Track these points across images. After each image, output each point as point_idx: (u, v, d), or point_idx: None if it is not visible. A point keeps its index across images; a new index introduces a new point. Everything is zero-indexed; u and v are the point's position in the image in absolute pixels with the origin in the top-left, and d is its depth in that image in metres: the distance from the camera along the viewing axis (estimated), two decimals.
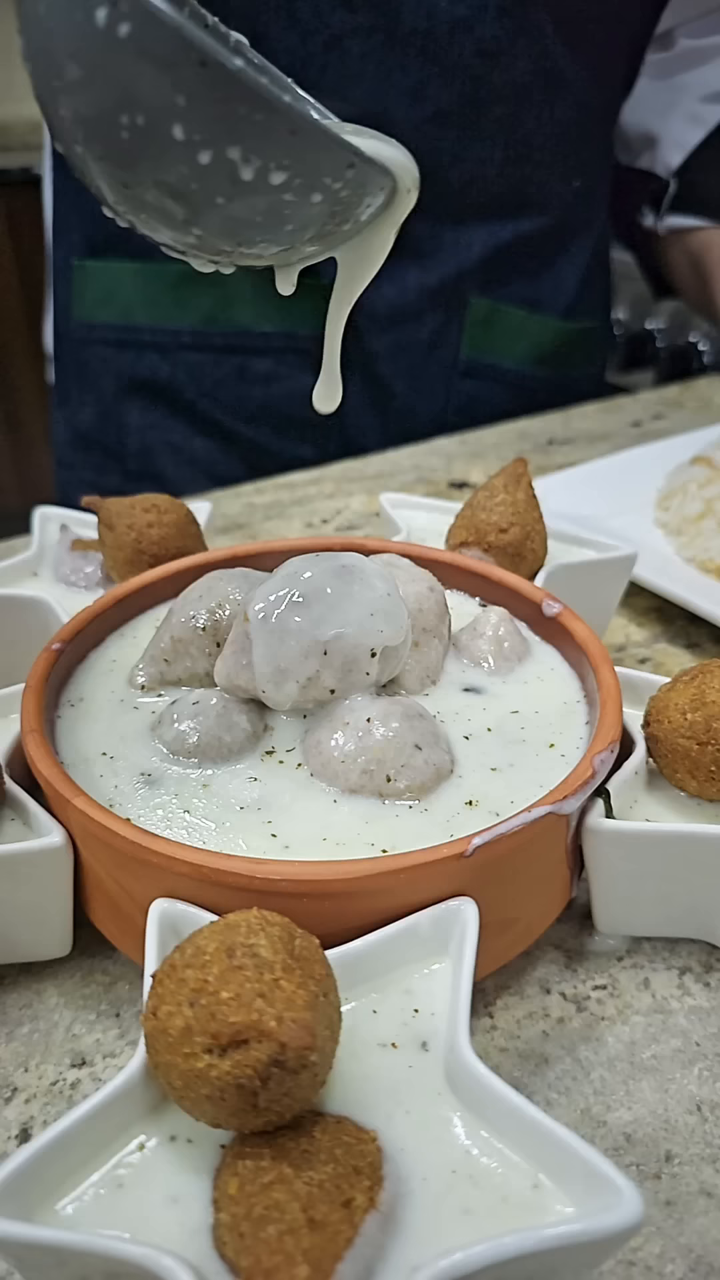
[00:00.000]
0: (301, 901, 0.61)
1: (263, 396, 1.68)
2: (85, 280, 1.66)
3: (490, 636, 0.85)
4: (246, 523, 1.40)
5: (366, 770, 0.71)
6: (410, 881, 0.62)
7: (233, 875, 0.61)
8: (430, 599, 0.83)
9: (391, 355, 1.64)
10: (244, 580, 0.84)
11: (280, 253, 0.68)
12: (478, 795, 0.72)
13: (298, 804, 0.71)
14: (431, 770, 0.72)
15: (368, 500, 1.45)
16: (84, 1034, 0.71)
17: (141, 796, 0.72)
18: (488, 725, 0.79)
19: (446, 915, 0.63)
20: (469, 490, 1.48)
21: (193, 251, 0.68)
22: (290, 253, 0.69)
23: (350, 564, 0.76)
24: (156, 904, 0.63)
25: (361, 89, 1.43)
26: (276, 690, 0.74)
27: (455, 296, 1.63)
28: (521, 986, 0.73)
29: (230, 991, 0.50)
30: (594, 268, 1.73)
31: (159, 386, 1.69)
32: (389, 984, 0.62)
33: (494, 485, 0.98)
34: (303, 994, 0.50)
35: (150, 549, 0.94)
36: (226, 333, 1.64)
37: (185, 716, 0.76)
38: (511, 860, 0.66)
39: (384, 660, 0.75)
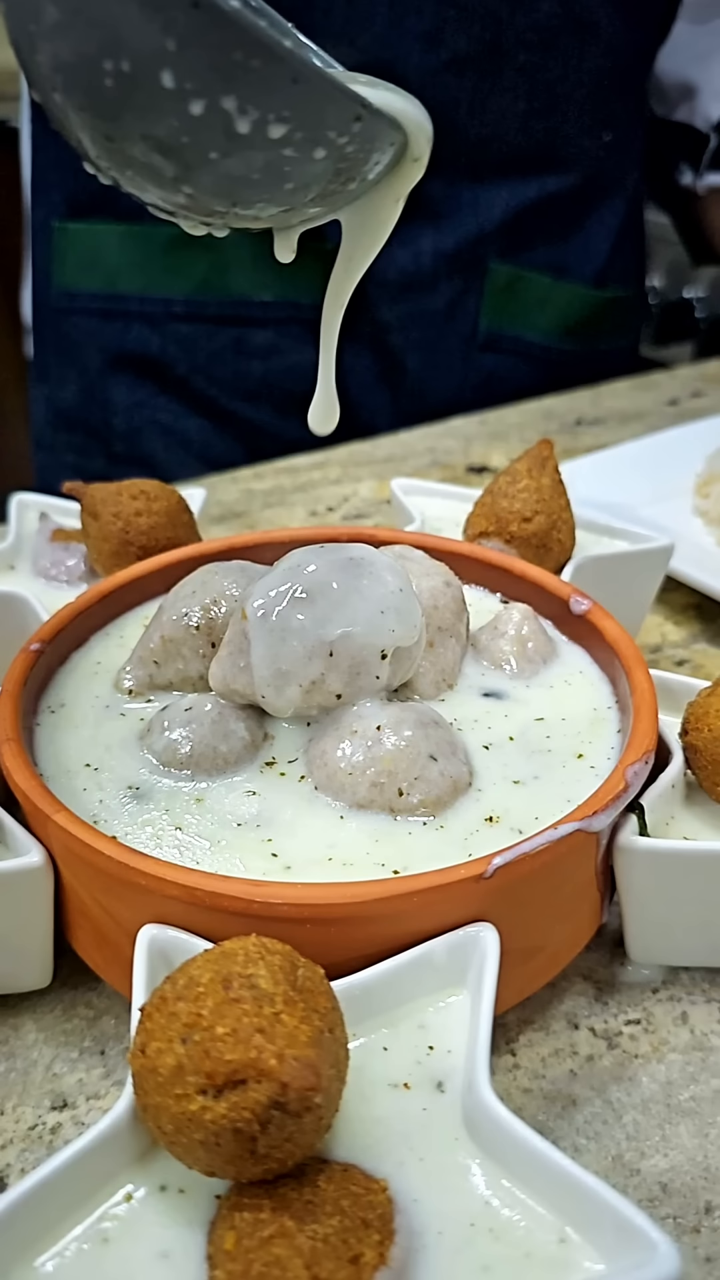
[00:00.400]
0: (305, 928, 0.61)
1: (262, 372, 1.68)
2: (67, 244, 1.66)
3: (512, 636, 0.85)
4: (244, 511, 1.40)
5: (376, 783, 0.71)
6: (424, 905, 0.62)
7: (229, 898, 0.61)
8: (446, 595, 0.83)
9: (404, 326, 1.65)
10: (241, 574, 0.84)
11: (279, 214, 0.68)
12: (498, 811, 0.72)
13: (300, 820, 0.71)
14: (448, 783, 0.72)
15: (377, 486, 1.45)
16: (65, 1073, 0.71)
17: (129, 812, 0.72)
18: (509, 734, 0.79)
19: (464, 943, 0.63)
20: (489, 475, 1.48)
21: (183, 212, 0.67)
22: (290, 214, 0.69)
23: (358, 556, 0.76)
24: (145, 930, 0.63)
25: (370, 34, 1.43)
26: (277, 695, 0.74)
27: (474, 262, 1.63)
28: (547, 1021, 0.73)
29: (226, 1027, 0.50)
30: (626, 230, 1.73)
31: (148, 361, 1.69)
32: (401, 1018, 0.62)
33: (516, 470, 0.98)
34: (306, 1029, 0.50)
35: (138, 540, 0.94)
36: (223, 301, 1.64)
37: (177, 724, 0.76)
38: (536, 882, 0.66)
39: (395, 662, 0.75)
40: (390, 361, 1.68)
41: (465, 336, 1.69)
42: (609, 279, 1.73)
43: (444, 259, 1.61)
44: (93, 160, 0.65)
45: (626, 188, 1.70)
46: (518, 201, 1.61)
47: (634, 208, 1.74)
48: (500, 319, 1.69)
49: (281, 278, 1.59)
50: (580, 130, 1.59)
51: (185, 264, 1.62)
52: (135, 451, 1.75)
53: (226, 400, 1.71)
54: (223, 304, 1.64)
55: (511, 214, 1.61)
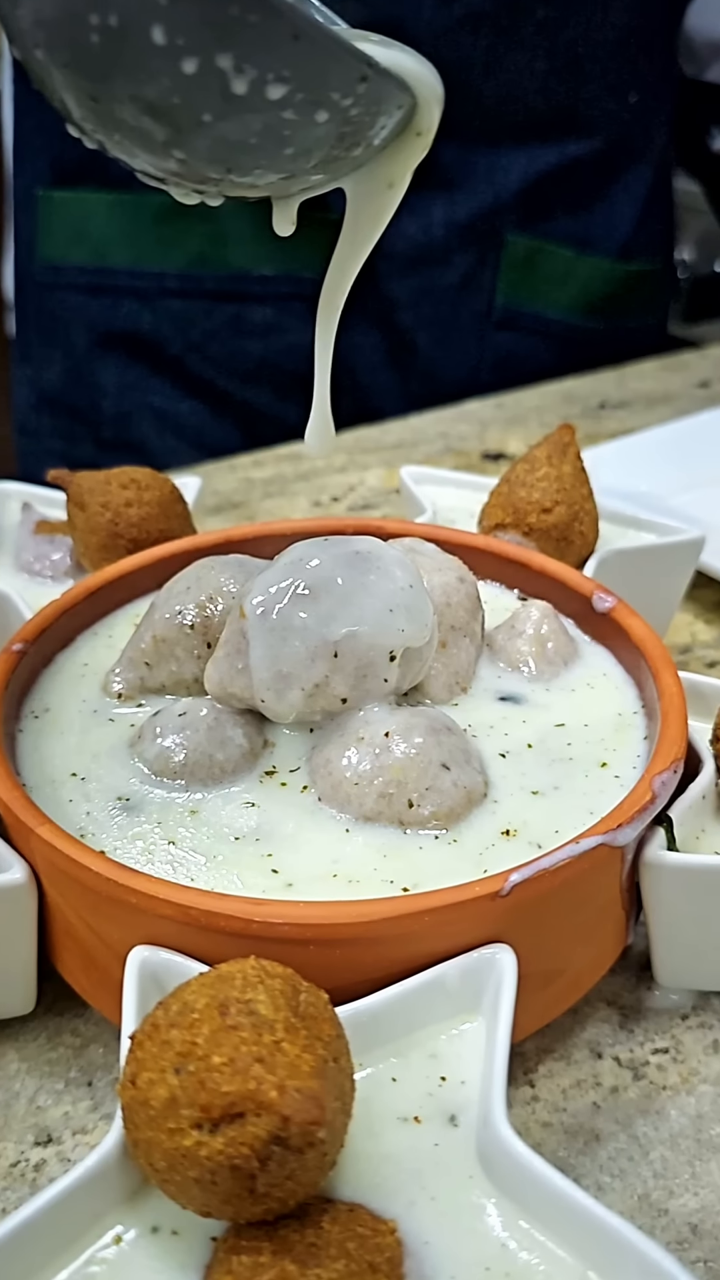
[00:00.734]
0: (307, 949, 0.61)
1: (262, 351, 1.68)
2: (52, 213, 1.66)
3: (531, 636, 0.85)
4: (243, 501, 1.40)
5: (384, 794, 0.71)
6: (436, 926, 0.62)
7: (226, 918, 0.61)
8: (460, 591, 0.83)
9: (414, 302, 1.65)
10: (239, 569, 0.84)
11: (278, 181, 0.68)
12: (516, 823, 0.72)
13: (303, 834, 0.71)
14: (461, 794, 0.72)
15: (386, 474, 1.45)
16: (50, 1106, 0.71)
17: (118, 825, 0.72)
18: (528, 741, 0.79)
19: (479, 966, 0.63)
20: (506, 463, 1.48)
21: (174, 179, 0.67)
22: (290, 181, 0.68)
23: (365, 550, 0.76)
24: (136, 952, 0.63)
25: None
26: (278, 699, 0.74)
27: (489, 233, 1.63)
28: (568, 1050, 0.73)
29: (223, 1056, 0.50)
30: (654, 199, 1.73)
31: (139, 339, 1.69)
32: (411, 1047, 0.62)
33: (535, 457, 0.98)
34: (309, 1059, 0.50)
35: (128, 532, 0.95)
36: (220, 275, 1.64)
37: (170, 730, 0.76)
38: (556, 900, 0.66)
39: (405, 664, 0.75)
40: (399, 340, 1.68)
41: (480, 313, 1.69)
42: (635, 251, 1.73)
43: (457, 230, 1.61)
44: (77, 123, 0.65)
45: (654, 153, 1.70)
46: (536, 168, 1.61)
47: (662, 175, 1.74)
48: (518, 294, 1.69)
49: (283, 250, 1.59)
50: (603, 92, 1.58)
51: (179, 235, 1.62)
52: (125, 437, 1.75)
53: (224, 382, 1.71)
54: (220, 278, 1.64)
55: (530, 181, 1.61)
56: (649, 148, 1.69)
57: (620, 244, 1.71)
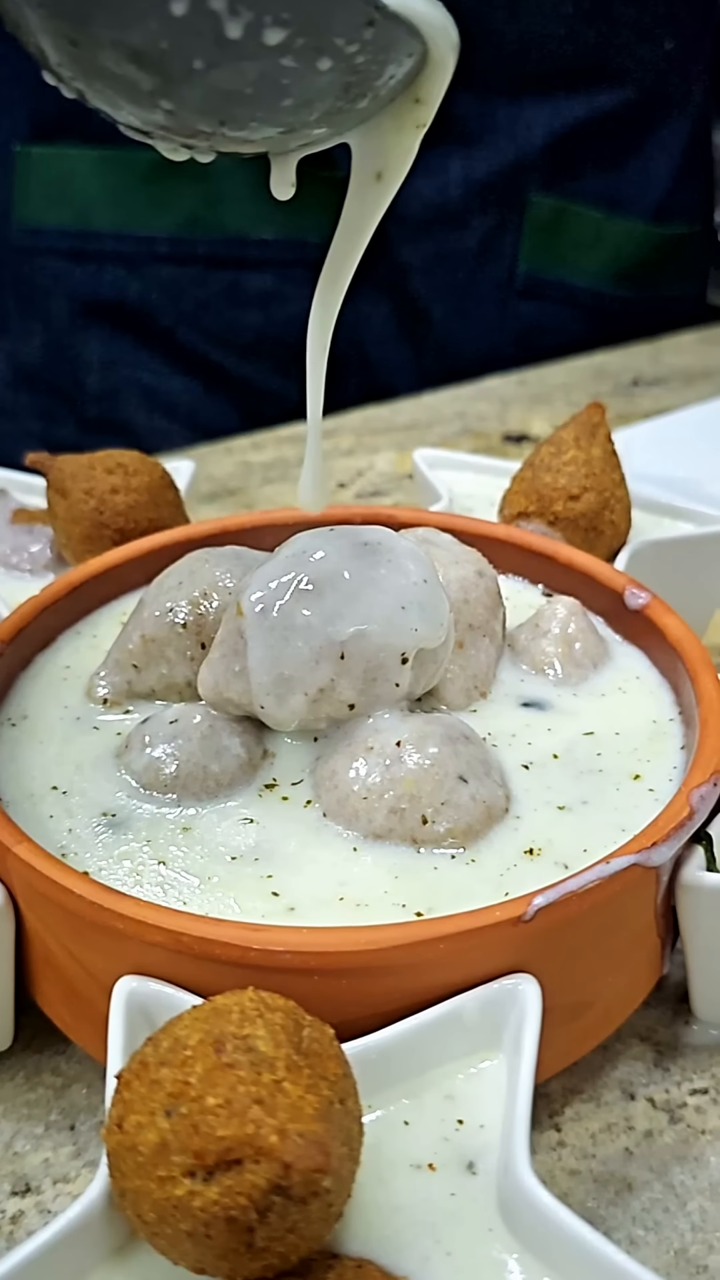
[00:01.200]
0: (311, 980, 0.61)
1: (261, 322, 1.68)
2: (30, 171, 1.66)
3: (557, 635, 0.85)
4: (240, 487, 1.40)
5: (396, 809, 0.71)
6: (452, 954, 0.62)
7: (222, 945, 0.61)
8: (479, 586, 0.83)
9: (428, 269, 1.65)
10: (237, 562, 0.84)
11: (276, 136, 0.67)
12: (540, 841, 0.72)
13: (306, 853, 0.71)
14: (480, 809, 0.72)
15: (397, 458, 1.46)
16: (28, 1152, 0.71)
17: (103, 843, 0.72)
18: (553, 751, 0.79)
19: (499, 998, 0.63)
20: (529, 445, 1.48)
21: (161, 133, 0.67)
22: (289, 136, 0.68)
23: (375, 541, 0.76)
24: (123, 983, 0.63)
25: None
26: (279, 705, 0.74)
27: (511, 193, 1.63)
28: (597, 1090, 0.73)
29: (218, 1097, 0.50)
30: (691, 156, 1.73)
31: (126, 309, 1.70)
32: (425, 1087, 0.62)
33: (562, 439, 0.98)
34: (312, 1100, 0.50)
35: (114, 521, 0.95)
36: (215, 239, 1.64)
37: (160, 739, 0.76)
38: (584, 926, 0.66)
39: (418, 666, 0.75)
40: (412, 310, 1.68)
41: (501, 281, 1.69)
42: (671, 213, 1.73)
43: (476, 189, 1.61)
44: (53, 69, 0.65)
45: (691, 106, 1.70)
46: (563, 121, 1.61)
47: (700, 129, 1.74)
48: (542, 260, 1.69)
49: (284, 212, 1.58)
50: (636, 37, 1.58)
51: (171, 195, 1.62)
52: (111, 417, 1.75)
53: (219, 356, 1.71)
54: (215, 242, 1.64)
55: (556, 136, 1.61)
56: (686, 99, 1.69)
57: (655, 205, 1.71)
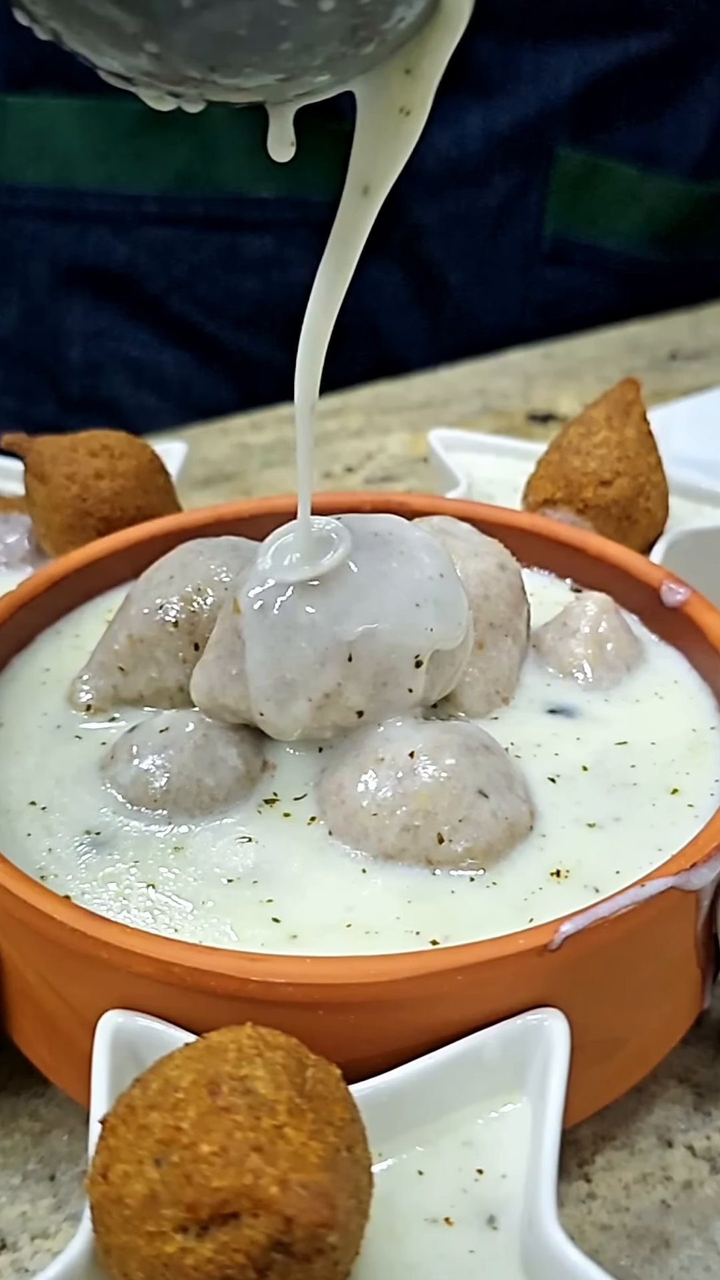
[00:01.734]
0: (316, 1015, 0.61)
1: (260, 290, 1.68)
2: (6, 123, 1.66)
3: (587, 635, 0.85)
4: (237, 472, 1.40)
5: (409, 826, 0.71)
6: (471, 986, 0.62)
7: (217, 977, 0.61)
8: (501, 581, 0.83)
9: (445, 231, 1.65)
10: (233, 554, 0.84)
11: (274, 84, 0.67)
12: (568, 862, 0.72)
13: (310, 875, 0.71)
14: (502, 826, 0.72)
15: (411, 440, 1.46)
16: (3, 1205, 0.71)
17: (86, 864, 0.72)
18: (583, 762, 0.79)
19: (523, 1035, 0.63)
20: (557, 426, 1.48)
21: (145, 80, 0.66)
22: (287, 84, 0.68)
23: (386, 531, 0.76)
24: (108, 1018, 0.63)
25: None
26: (280, 712, 0.74)
27: (536, 147, 1.63)
28: (631, 1137, 0.73)
29: (213, 1144, 0.50)
30: None
31: (112, 276, 1.70)
32: (442, 1133, 0.62)
33: (592, 418, 0.98)
34: (317, 1147, 0.50)
35: (99, 509, 0.95)
36: (209, 198, 1.64)
37: (149, 750, 0.76)
38: (617, 956, 0.66)
39: (434, 669, 0.75)
40: (427, 277, 1.68)
41: (525, 244, 1.69)
42: (712, 169, 1.73)
43: (497, 143, 1.61)
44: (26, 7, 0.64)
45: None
46: (593, 68, 1.60)
47: None
48: (571, 221, 1.69)
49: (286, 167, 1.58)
50: None
51: (160, 149, 1.62)
52: (95, 394, 1.75)
53: (214, 326, 1.71)
54: (209, 201, 1.64)
55: (585, 84, 1.61)
56: None
57: (694, 161, 1.71)
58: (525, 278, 1.71)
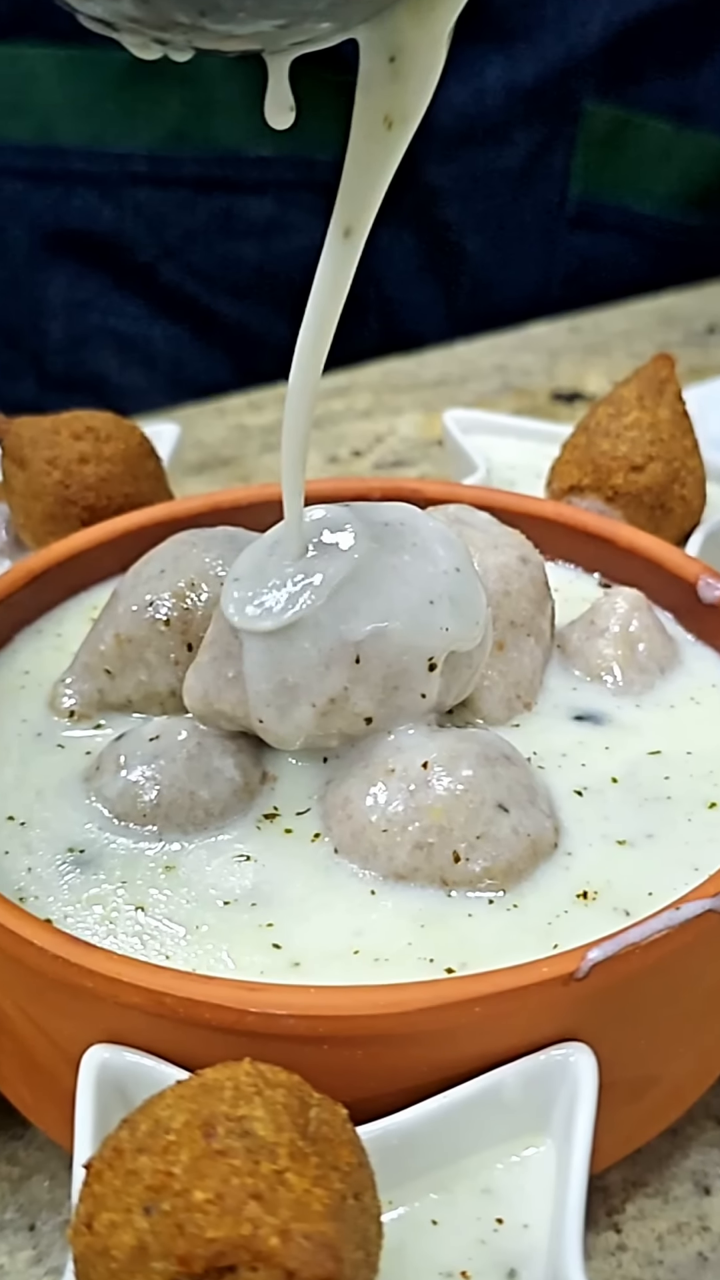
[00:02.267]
0: (320, 1050, 0.61)
1: (259, 257, 1.68)
2: None
3: (616, 635, 0.85)
4: (234, 456, 1.41)
5: (422, 844, 0.71)
6: (490, 1018, 0.62)
7: (212, 1008, 0.61)
8: (523, 576, 0.83)
9: (462, 194, 1.65)
10: (230, 546, 0.84)
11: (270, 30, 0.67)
12: (596, 883, 0.72)
13: (315, 897, 0.71)
14: (524, 844, 0.72)
15: (424, 421, 1.46)
16: None
17: (70, 885, 0.72)
18: (612, 774, 0.79)
19: (547, 1071, 0.63)
20: (584, 406, 1.48)
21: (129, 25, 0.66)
22: (285, 30, 0.67)
23: (397, 521, 0.76)
24: (93, 1053, 0.63)
25: None
26: (281, 718, 0.74)
27: (562, 101, 1.63)
28: (665, 1183, 0.73)
29: (208, 1191, 0.50)
30: None
31: (98, 242, 1.70)
32: (457, 1178, 0.62)
33: (622, 398, 0.98)
34: (321, 1194, 0.50)
35: (83, 497, 0.95)
36: (204, 157, 1.64)
37: (138, 760, 0.76)
38: (649, 985, 0.66)
39: (449, 672, 0.75)
40: (442, 243, 1.68)
41: (549, 207, 1.69)
42: None
43: (519, 97, 1.61)
44: None
45: None
46: (623, 15, 1.61)
47: None
48: (599, 182, 1.70)
49: None
50: None
51: (150, 104, 1.62)
52: (79, 371, 1.75)
53: (209, 297, 1.71)
54: (204, 160, 1.64)
55: (615, 32, 1.61)
56: None
57: None
58: (549, 244, 1.71)
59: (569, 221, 1.71)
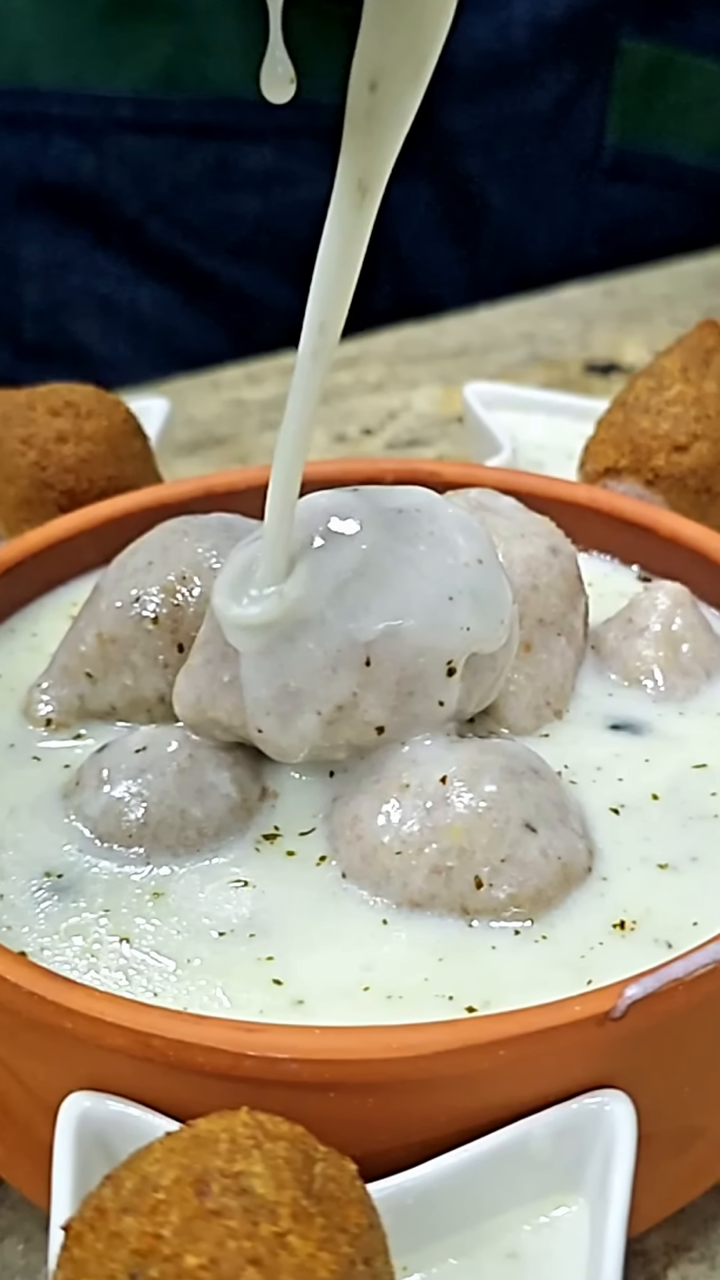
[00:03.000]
0: (327, 1098, 0.61)
1: (258, 212, 1.68)
2: None
3: (658, 634, 0.85)
4: (231, 434, 1.41)
5: (440, 868, 0.71)
6: (516, 1063, 0.62)
7: (206, 1051, 0.61)
8: (553, 569, 0.83)
9: (485, 142, 1.65)
10: (225, 535, 0.84)
11: None
12: (635, 911, 0.72)
13: (320, 927, 0.71)
14: (554, 868, 0.72)
15: (443, 395, 1.46)
16: None
17: (46, 914, 0.72)
18: (653, 789, 0.79)
19: (580, 1122, 0.63)
20: (621, 378, 1.48)
21: None
22: None
23: (412, 508, 0.76)
24: (73, 1101, 0.63)
25: None
26: (282, 728, 0.74)
27: (595, 38, 1.64)
28: (711, 1247, 0.73)
29: (201, 1255, 0.50)
30: None
31: (78, 195, 1.70)
32: (480, 1242, 0.62)
33: (664, 369, 0.98)
34: (327, 1260, 0.50)
35: (61, 480, 0.95)
36: (197, 101, 1.64)
37: (123, 774, 0.76)
38: (693, 1026, 0.66)
39: (470, 676, 0.75)
40: (463, 196, 1.68)
41: (582, 157, 1.70)
42: None
43: (548, 33, 1.61)
44: None
45: None
46: None
47: None
48: (637, 129, 1.70)
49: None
50: None
51: (136, 41, 1.62)
52: (57, 339, 1.76)
53: (202, 257, 1.72)
54: (196, 104, 1.64)
55: None
56: None
57: None
58: (582, 197, 1.72)
59: (604, 172, 1.71)
